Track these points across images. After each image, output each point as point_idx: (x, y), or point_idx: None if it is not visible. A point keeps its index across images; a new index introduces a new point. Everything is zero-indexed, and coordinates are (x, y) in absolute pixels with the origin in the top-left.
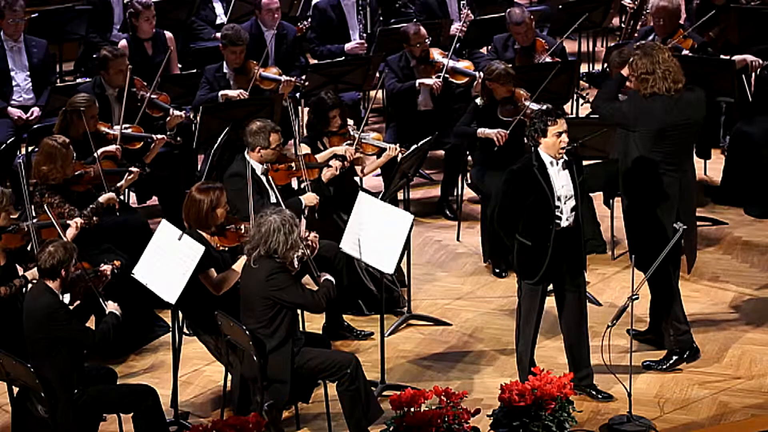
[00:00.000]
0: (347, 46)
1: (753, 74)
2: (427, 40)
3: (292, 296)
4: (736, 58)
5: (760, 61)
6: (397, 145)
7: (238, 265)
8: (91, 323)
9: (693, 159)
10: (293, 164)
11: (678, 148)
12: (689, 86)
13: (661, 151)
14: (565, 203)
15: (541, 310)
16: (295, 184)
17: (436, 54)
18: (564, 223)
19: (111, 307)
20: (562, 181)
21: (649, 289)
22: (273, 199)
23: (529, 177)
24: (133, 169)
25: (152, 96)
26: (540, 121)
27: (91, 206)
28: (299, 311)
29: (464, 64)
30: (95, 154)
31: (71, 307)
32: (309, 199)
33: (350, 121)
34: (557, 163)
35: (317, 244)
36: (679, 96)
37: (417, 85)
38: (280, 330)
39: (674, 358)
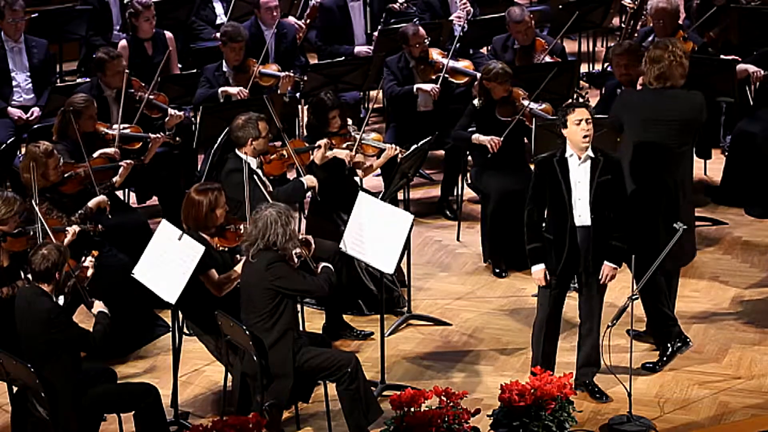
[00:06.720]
0: (357, 49)
1: (754, 85)
2: (426, 41)
3: (294, 283)
4: (738, 67)
5: (762, 72)
6: (395, 145)
7: (240, 267)
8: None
9: (688, 160)
10: (284, 152)
11: (663, 145)
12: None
13: (646, 147)
14: (579, 200)
15: (551, 314)
16: (292, 176)
17: (435, 54)
18: (578, 221)
19: (98, 306)
20: (578, 177)
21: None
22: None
23: (548, 168)
24: (125, 162)
25: (150, 97)
26: (561, 114)
27: (79, 212)
28: (299, 307)
29: (464, 64)
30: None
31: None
32: (309, 179)
33: (349, 121)
34: (579, 158)
35: (312, 242)
36: (666, 92)
37: (415, 90)
38: (280, 323)
39: (667, 351)
